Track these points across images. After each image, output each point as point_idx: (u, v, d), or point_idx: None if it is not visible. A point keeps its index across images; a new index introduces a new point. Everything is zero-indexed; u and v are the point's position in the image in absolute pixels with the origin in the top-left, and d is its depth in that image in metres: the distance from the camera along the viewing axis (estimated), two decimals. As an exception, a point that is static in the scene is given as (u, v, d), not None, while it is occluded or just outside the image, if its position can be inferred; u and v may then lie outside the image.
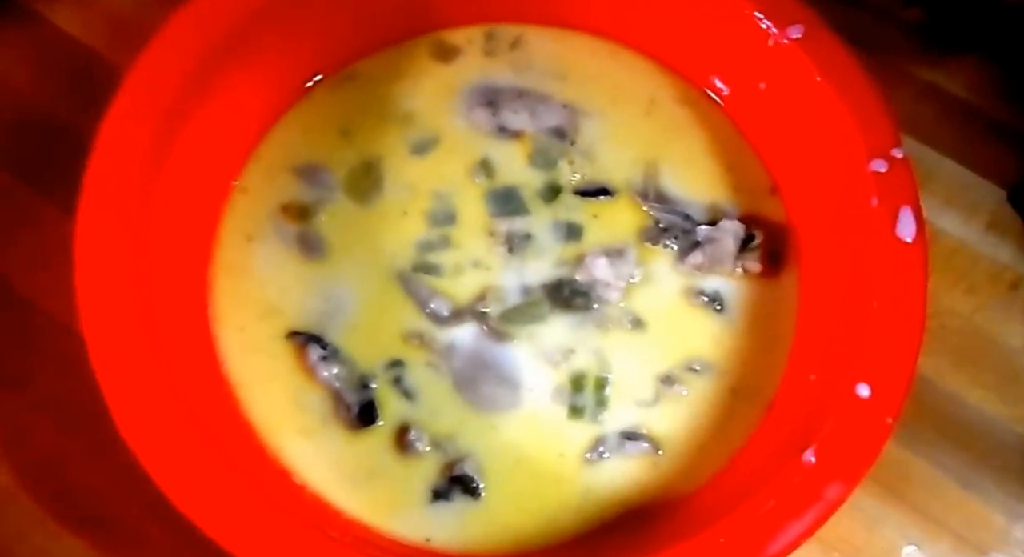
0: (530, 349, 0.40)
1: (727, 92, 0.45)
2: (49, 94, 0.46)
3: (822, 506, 0.34)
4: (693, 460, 0.39)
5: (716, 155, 0.44)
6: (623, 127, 0.44)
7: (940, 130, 0.48)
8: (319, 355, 0.39)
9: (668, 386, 0.40)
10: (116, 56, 0.46)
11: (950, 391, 0.43)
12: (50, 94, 0.46)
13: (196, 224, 0.40)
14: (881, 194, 0.38)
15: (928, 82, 0.49)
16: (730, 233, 0.42)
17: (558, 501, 0.38)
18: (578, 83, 0.45)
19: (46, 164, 0.44)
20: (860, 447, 0.35)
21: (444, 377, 0.40)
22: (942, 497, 0.42)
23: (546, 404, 0.40)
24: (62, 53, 0.47)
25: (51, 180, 0.44)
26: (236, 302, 0.40)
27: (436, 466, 0.39)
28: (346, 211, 0.42)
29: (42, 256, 0.42)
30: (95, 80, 0.41)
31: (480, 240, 0.42)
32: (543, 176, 0.43)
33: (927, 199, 0.45)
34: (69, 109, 0.45)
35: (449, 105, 0.44)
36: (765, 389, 0.40)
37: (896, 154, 0.38)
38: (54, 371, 0.41)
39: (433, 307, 0.41)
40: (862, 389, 0.35)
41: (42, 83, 0.46)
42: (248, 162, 0.42)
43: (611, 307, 0.41)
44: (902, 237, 0.37)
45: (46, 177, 0.44)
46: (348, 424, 0.39)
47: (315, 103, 0.44)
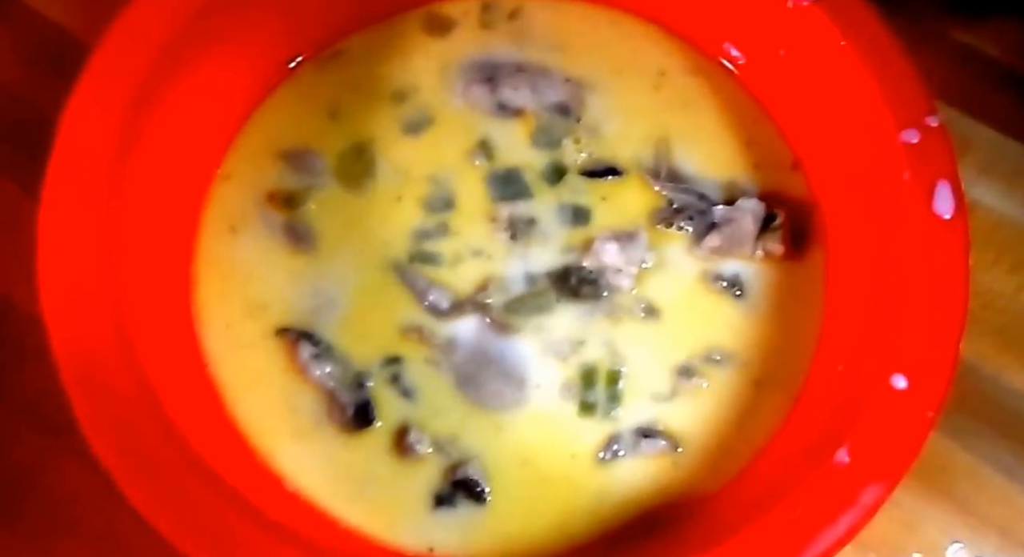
0: (536, 342, 0.39)
1: (743, 60, 0.43)
2: (22, 76, 0.46)
3: (858, 511, 0.32)
4: (715, 458, 0.38)
5: (732, 129, 0.43)
6: (631, 101, 0.43)
7: (976, 95, 0.46)
8: (311, 353, 0.38)
9: (686, 379, 0.39)
10: (93, 38, 0.45)
11: (993, 376, 0.42)
12: (23, 76, 0.46)
13: (176, 214, 0.39)
14: (914, 167, 0.36)
15: (962, 44, 0.47)
16: (749, 213, 0.40)
17: (569, 505, 0.37)
18: (582, 55, 0.44)
19: (21, 149, 0.43)
20: (898, 445, 0.33)
21: (445, 374, 0.39)
22: (987, 490, 0.40)
23: (555, 401, 0.39)
24: (36, 34, 0.46)
25: (25, 165, 0.43)
26: (221, 297, 0.39)
27: (438, 470, 0.38)
28: (336, 198, 0.41)
29: (13, 245, 0.42)
30: (70, 62, 0.40)
31: (480, 226, 0.41)
32: (547, 156, 0.42)
33: (965, 169, 0.44)
34: (42, 92, 0.44)
35: (444, 82, 0.43)
36: (791, 380, 0.39)
37: (931, 122, 0.37)
38: (30, 367, 0.40)
39: (432, 299, 0.39)
40: (898, 380, 0.34)
41: (15, 65, 0.46)
42: (231, 147, 0.41)
43: (622, 295, 0.40)
44: (939, 213, 0.36)
45: (21, 163, 0.43)
46: (343, 426, 0.38)
47: (301, 83, 0.43)
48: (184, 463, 0.33)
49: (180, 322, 0.39)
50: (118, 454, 0.32)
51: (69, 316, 0.33)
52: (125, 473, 0.32)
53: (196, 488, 0.32)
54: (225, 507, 0.32)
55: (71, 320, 0.33)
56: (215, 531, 0.32)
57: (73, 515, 0.39)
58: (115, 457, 0.32)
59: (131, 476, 0.32)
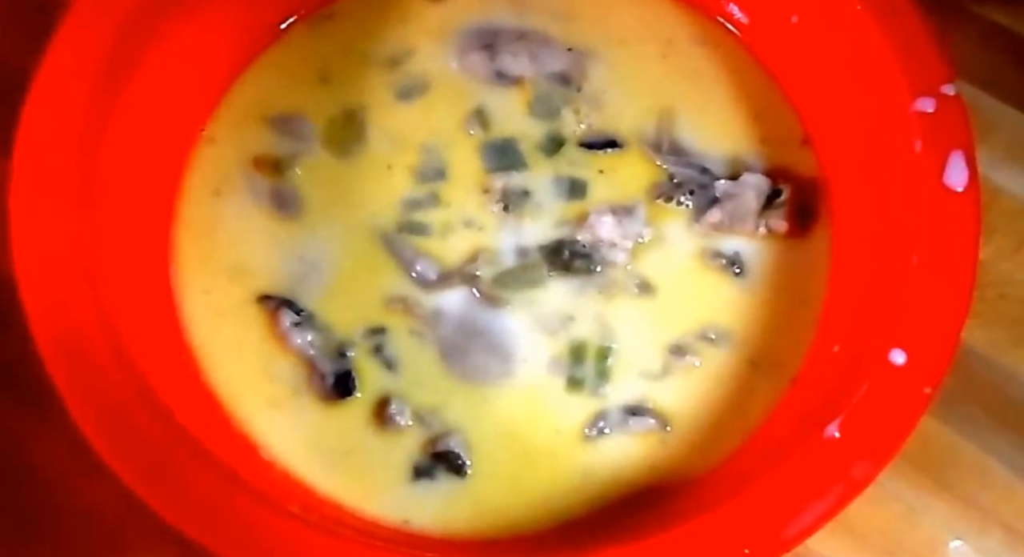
0: (525, 316, 0.40)
1: (753, 28, 0.43)
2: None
3: (846, 486, 0.32)
4: (705, 439, 0.38)
5: (741, 101, 0.43)
6: (635, 71, 0.43)
7: (1004, 75, 0.46)
8: (292, 321, 0.39)
9: (679, 357, 0.39)
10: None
11: (1007, 368, 0.42)
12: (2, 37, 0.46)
13: (158, 177, 0.40)
14: (927, 137, 0.36)
15: (991, 22, 0.47)
16: (752, 188, 0.40)
17: (553, 481, 0.38)
18: (586, 23, 0.44)
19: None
20: (892, 421, 0.33)
21: (429, 346, 0.39)
22: (993, 486, 0.40)
23: (542, 376, 0.39)
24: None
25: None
26: (201, 262, 0.40)
27: (418, 442, 0.38)
28: (324, 164, 0.42)
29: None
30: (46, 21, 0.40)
31: (473, 197, 0.41)
32: (544, 127, 0.42)
33: (987, 152, 0.44)
34: (20, 53, 0.44)
35: (441, 48, 0.43)
36: (789, 361, 0.39)
37: (947, 91, 0.36)
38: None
39: (419, 270, 0.40)
40: (896, 356, 0.34)
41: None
42: (216, 110, 0.42)
43: (616, 270, 0.40)
44: (951, 186, 0.35)
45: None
46: (322, 395, 0.38)
47: (291, 45, 0.43)
48: (167, 433, 0.33)
49: (159, 287, 0.39)
50: (97, 422, 0.32)
51: (44, 281, 0.34)
52: (107, 442, 0.32)
53: (182, 459, 0.33)
54: (211, 478, 0.33)
55: (46, 285, 0.34)
56: (200, 501, 0.32)
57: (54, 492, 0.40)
58: (94, 425, 0.32)
59: (114, 446, 0.32)
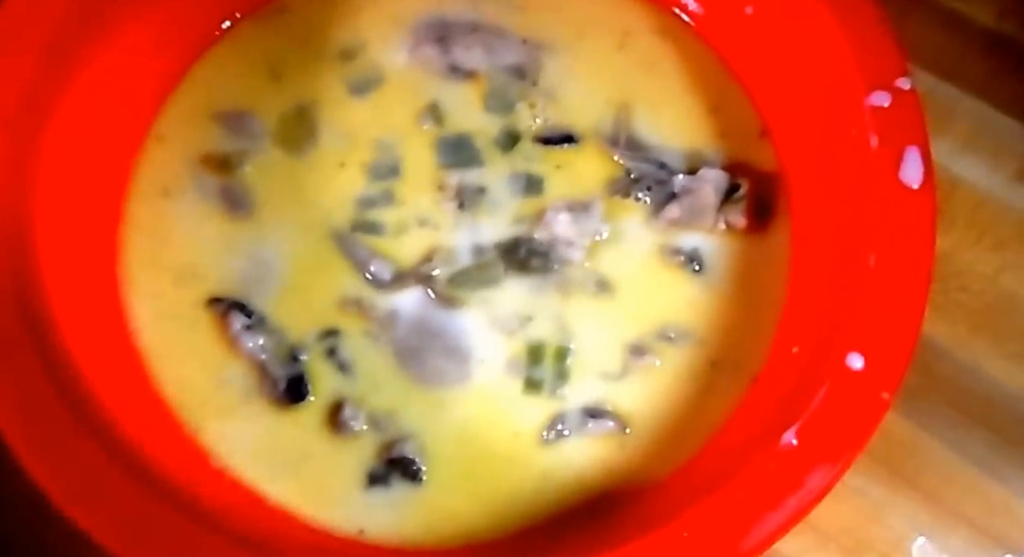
0: (482, 316, 0.39)
1: (708, 19, 0.43)
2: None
3: (802, 495, 0.32)
4: (665, 441, 0.38)
5: (699, 94, 0.43)
6: (592, 64, 0.43)
7: (964, 64, 0.46)
8: (243, 324, 0.38)
9: (638, 357, 0.39)
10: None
11: (968, 362, 0.42)
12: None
13: (104, 176, 0.39)
14: (882, 132, 0.36)
15: (951, 10, 0.47)
16: (710, 182, 0.40)
17: (511, 486, 0.37)
18: (541, 14, 0.43)
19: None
20: (849, 427, 0.33)
21: (384, 348, 0.39)
22: (957, 482, 0.40)
23: (499, 377, 0.39)
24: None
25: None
26: (150, 265, 0.40)
27: (373, 447, 0.38)
28: (275, 162, 0.41)
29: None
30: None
31: (427, 195, 0.41)
32: (500, 121, 0.42)
33: (947, 142, 0.44)
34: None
35: (393, 41, 0.43)
36: (749, 361, 0.39)
37: (902, 85, 0.36)
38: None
39: (373, 270, 0.39)
40: (854, 360, 0.34)
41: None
42: (164, 107, 0.41)
43: (574, 268, 0.40)
44: (907, 182, 0.35)
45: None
46: (274, 401, 0.38)
47: (241, 40, 0.42)
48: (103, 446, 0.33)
49: (106, 290, 0.39)
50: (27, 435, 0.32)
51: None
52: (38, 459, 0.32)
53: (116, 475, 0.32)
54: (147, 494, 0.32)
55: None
56: (134, 519, 0.32)
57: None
58: (24, 439, 0.32)
59: (43, 462, 0.32)
